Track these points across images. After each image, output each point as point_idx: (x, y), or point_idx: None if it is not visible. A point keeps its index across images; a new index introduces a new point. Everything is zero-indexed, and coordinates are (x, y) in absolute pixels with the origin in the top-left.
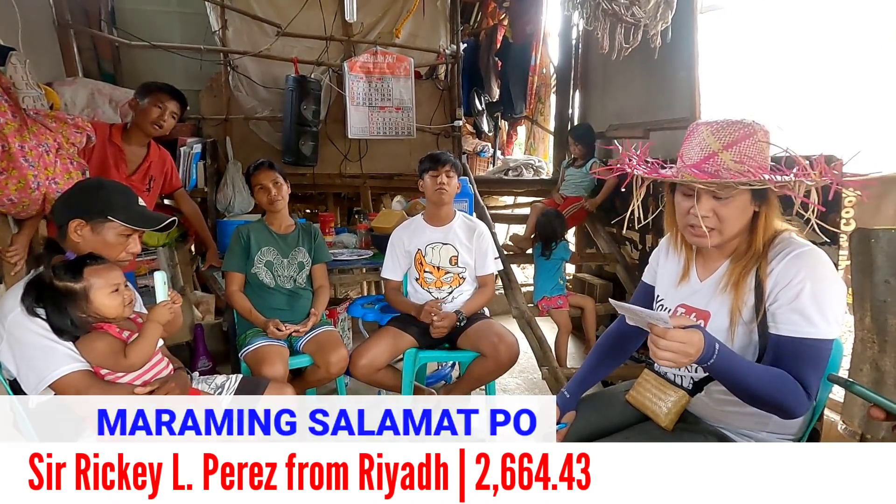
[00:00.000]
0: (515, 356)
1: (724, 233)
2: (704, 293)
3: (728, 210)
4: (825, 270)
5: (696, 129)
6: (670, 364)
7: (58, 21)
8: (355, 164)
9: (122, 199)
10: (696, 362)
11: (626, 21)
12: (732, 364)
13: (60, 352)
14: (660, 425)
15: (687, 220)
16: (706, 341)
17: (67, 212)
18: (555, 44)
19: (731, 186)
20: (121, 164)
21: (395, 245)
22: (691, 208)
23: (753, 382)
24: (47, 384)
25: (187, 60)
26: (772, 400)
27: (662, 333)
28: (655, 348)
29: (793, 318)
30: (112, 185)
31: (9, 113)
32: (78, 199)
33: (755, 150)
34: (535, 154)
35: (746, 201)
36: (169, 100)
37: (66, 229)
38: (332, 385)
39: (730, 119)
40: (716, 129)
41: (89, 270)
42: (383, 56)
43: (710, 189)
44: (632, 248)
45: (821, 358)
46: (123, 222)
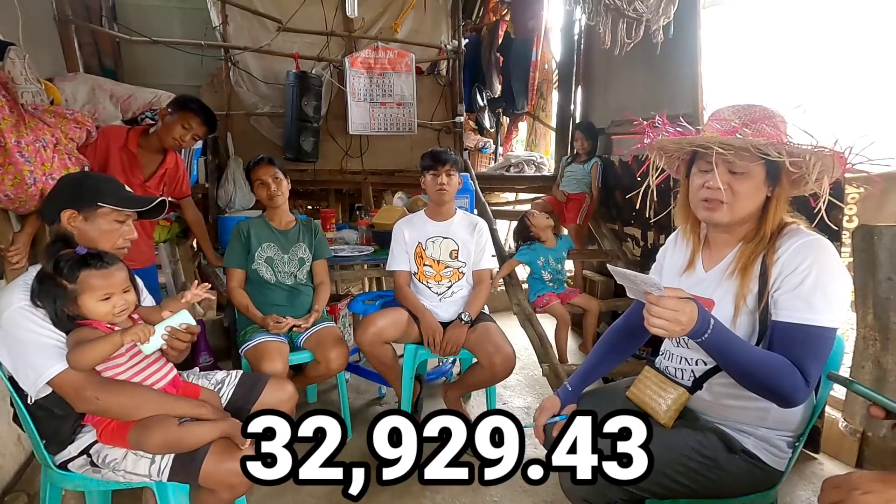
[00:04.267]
0: (510, 369)
1: (735, 209)
2: (709, 282)
3: (742, 186)
4: (832, 260)
5: (717, 112)
6: (662, 332)
7: (58, 16)
8: (356, 160)
9: (109, 185)
10: (689, 335)
11: (629, 16)
12: (728, 342)
13: (56, 348)
14: (659, 422)
15: (701, 194)
16: (699, 314)
17: (57, 205)
18: (557, 39)
19: (748, 156)
20: (136, 170)
21: (398, 237)
22: (706, 182)
23: (749, 363)
24: (45, 381)
25: (188, 56)
26: (768, 383)
27: (656, 300)
28: (648, 315)
29: (795, 303)
30: (97, 175)
31: (6, 108)
32: (66, 191)
33: (774, 130)
34: (537, 150)
35: (760, 180)
36: (198, 124)
37: (57, 224)
38: (333, 381)
39: (751, 103)
40: (737, 110)
41: (85, 274)
42: (384, 52)
43: (727, 158)
44: (633, 245)
45: (822, 346)
46: (114, 206)
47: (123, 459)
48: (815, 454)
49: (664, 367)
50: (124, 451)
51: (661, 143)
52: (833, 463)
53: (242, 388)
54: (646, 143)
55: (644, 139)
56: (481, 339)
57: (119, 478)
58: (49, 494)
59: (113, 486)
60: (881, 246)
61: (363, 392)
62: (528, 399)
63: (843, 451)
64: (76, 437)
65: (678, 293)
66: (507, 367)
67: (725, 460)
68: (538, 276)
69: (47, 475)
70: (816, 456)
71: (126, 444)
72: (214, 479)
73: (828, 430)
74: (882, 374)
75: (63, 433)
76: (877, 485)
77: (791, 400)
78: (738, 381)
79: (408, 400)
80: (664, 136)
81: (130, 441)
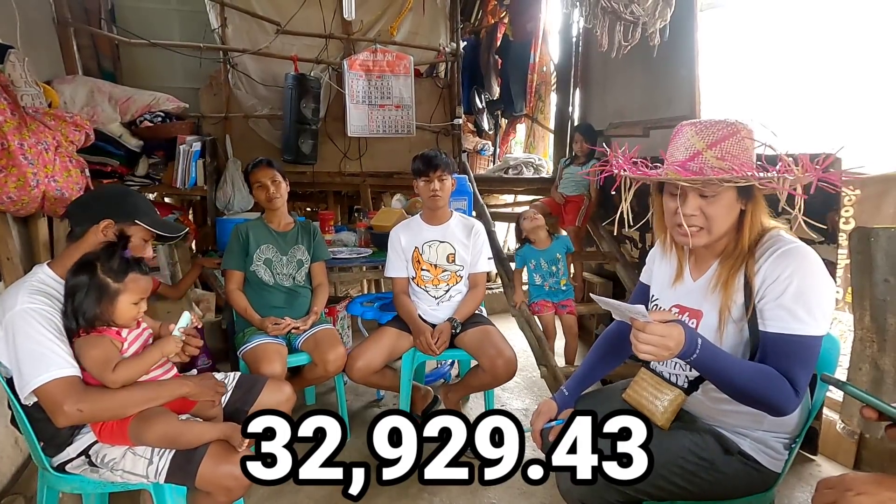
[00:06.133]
0: (513, 372)
1: (713, 231)
2: (697, 293)
3: (714, 208)
4: (812, 267)
5: (680, 130)
6: (651, 357)
7: (57, 19)
8: (355, 162)
9: (146, 206)
10: (678, 357)
11: (625, 19)
12: (716, 360)
13: (47, 357)
14: (656, 424)
15: (675, 220)
16: (687, 336)
17: (98, 212)
18: (555, 41)
19: (714, 184)
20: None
21: (394, 243)
22: (678, 209)
23: (738, 378)
24: (30, 390)
25: (187, 58)
26: (758, 395)
27: (642, 327)
28: (636, 341)
29: (779, 314)
30: (137, 193)
31: (8, 111)
32: (110, 202)
33: (739, 148)
34: (535, 152)
35: (732, 199)
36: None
37: (86, 228)
38: (331, 383)
39: (713, 119)
40: (700, 129)
41: (133, 277)
42: (383, 54)
43: (695, 187)
44: (632, 247)
45: (808, 354)
46: (149, 227)
47: (122, 459)
48: (813, 456)
49: (659, 372)
50: (123, 451)
51: (626, 175)
52: (831, 464)
53: (240, 390)
54: (613, 172)
55: (611, 166)
56: (482, 343)
57: (117, 478)
58: (46, 497)
59: (110, 487)
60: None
61: (361, 394)
62: (527, 401)
63: (841, 452)
64: (75, 439)
65: (664, 317)
66: (509, 370)
67: (722, 462)
68: (532, 280)
69: (44, 478)
70: (814, 458)
71: (127, 440)
72: (211, 481)
73: (825, 432)
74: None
75: (61, 436)
76: (870, 486)
77: (781, 410)
78: (728, 396)
79: (406, 400)
80: (627, 172)
81: (131, 435)
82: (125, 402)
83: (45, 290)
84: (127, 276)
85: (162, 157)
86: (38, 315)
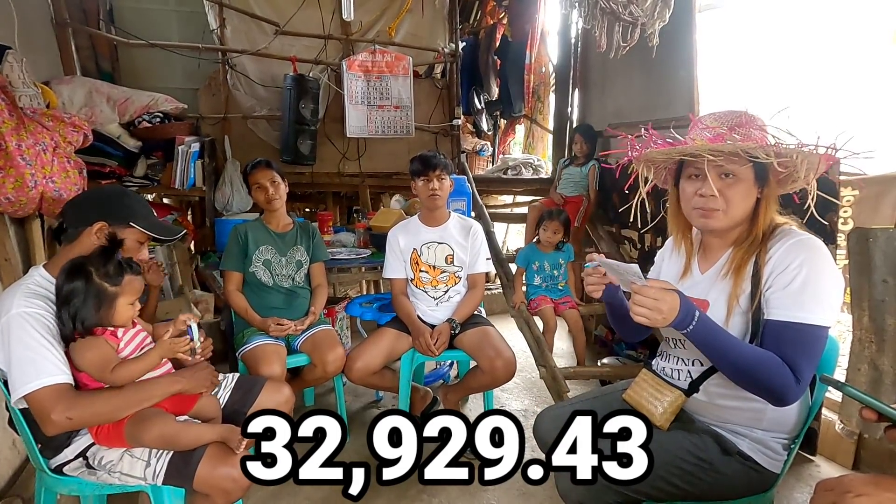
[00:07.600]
0: (512, 373)
1: (730, 214)
2: (705, 284)
3: (733, 191)
4: (822, 259)
5: (699, 120)
6: (644, 321)
7: (56, 19)
8: (354, 162)
9: (143, 208)
10: (673, 325)
11: (624, 19)
12: (714, 336)
13: (38, 364)
14: (655, 424)
15: (694, 202)
16: (682, 305)
17: (92, 214)
18: (554, 42)
19: (738, 160)
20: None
21: (392, 244)
22: (698, 190)
23: (738, 358)
24: (19, 396)
25: (185, 59)
26: (758, 378)
27: (638, 289)
28: (632, 304)
29: (786, 302)
30: (134, 194)
31: (6, 111)
32: (103, 203)
33: (760, 133)
34: (534, 153)
35: (751, 182)
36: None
37: (79, 230)
38: (330, 384)
39: (731, 110)
40: (719, 117)
41: (129, 279)
42: (382, 55)
43: (718, 164)
44: (631, 248)
45: (813, 344)
46: (144, 229)
47: (119, 461)
48: (812, 456)
49: (661, 369)
50: (120, 453)
51: (650, 154)
52: (830, 465)
53: (239, 391)
54: (633, 155)
55: (630, 152)
56: (482, 343)
57: (115, 480)
58: (44, 499)
59: (108, 489)
60: (876, 248)
61: (360, 395)
62: (526, 402)
63: (840, 453)
64: (72, 441)
65: (662, 284)
66: (508, 371)
67: (721, 462)
68: (531, 281)
69: (42, 480)
70: (813, 458)
71: (124, 442)
72: (209, 483)
73: (825, 433)
74: (878, 375)
75: (59, 437)
76: (869, 487)
77: (783, 397)
78: (728, 377)
79: (405, 401)
80: (652, 148)
81: (128, 437)
82: (116, 406)
83: (41, 292)
84: (123, 278)
85: (160, 158)
86: (32, 319)
